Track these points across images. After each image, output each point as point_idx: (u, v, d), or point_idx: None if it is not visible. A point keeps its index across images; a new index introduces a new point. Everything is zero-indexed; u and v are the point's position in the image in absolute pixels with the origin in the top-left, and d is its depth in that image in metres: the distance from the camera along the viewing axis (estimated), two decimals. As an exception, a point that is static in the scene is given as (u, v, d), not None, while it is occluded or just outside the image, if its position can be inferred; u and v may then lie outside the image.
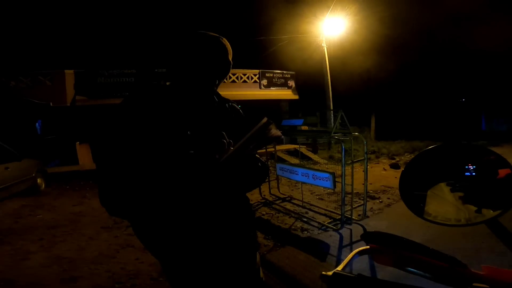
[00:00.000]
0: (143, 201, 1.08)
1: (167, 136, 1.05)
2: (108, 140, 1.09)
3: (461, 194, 0.98)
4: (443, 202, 1.00)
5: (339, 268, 0.78)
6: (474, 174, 0.97)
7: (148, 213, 1.11)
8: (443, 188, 1.01)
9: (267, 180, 5.56)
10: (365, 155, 4.57)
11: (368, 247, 0.88)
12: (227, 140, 1.08)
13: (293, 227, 4.25)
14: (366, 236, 0.87)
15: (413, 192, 1.05)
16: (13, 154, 6.40)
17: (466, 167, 0.98)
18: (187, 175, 1.05)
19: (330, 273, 0.75)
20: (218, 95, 1.31)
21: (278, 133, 1.14)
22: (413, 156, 1.10)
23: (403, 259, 0.79)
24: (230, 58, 1.25)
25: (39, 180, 7.15)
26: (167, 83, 1.23)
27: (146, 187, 1.05)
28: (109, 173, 1.06)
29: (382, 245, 0.84)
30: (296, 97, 14.90)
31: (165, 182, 1.05)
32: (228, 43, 1.25)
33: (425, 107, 18.48)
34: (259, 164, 1.24)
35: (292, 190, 6.34)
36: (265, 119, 1.10)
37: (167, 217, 1.11)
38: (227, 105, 1.31)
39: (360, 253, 0.89)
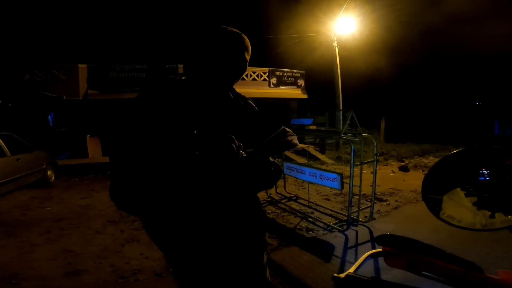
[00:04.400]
0: (152, 198, 1.07)
1: (174, 135, 1.04)
2: (121, 135, 1.08)
3: (486, 198, 0.94)
4: (464, 206, 0.97)
5: (351, 270, 0.77)
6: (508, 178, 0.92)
7: (156, 210, 1.11)
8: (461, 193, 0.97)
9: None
10: (375, 157, 4.52)
11: (381, 249, 0.87)
12: (237, 144, 1.05)
13: (298, 227, 4.24)
14: (380, 239, 0.85)
15: (438, 195, 1.02)
16: (25, 146, 6.51)
17: (497, 171, 0.93)
18: (189, 176, 1.04)
19: (342, 275, 0.74)
20: (234, 92, 1.27)
21: (295, 140, 1.14)
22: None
23: (418, 263, 0.78)
24: (249, 57, 1.21)
25: (49, 172, 7.27)
26: (183, 77, 1.20)
27: (155, 184, 1.04)
28: (120, 168, 1.06)
29: (396, 248, 0.83)
30: (305, 96, 14.83)
31: (172, 181, 1.05)
32: (248, 41, 1.20)
33: (437, 110, 18.18)
34: (272, 168, 1.21)
35: (299, 189, 6.31)
36: (282, 128, 1.12)
37: (175, 215, 1.11)
38: (242, 103, 1.28)
39: (372, 255, 0.88)
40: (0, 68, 10.21)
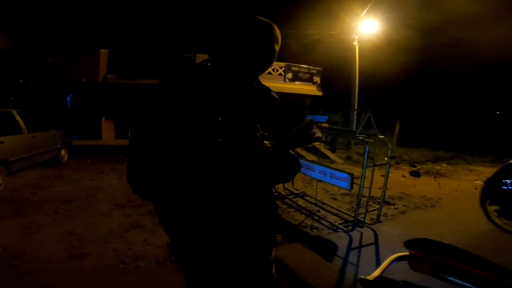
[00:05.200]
0: (168, 183, 1.07)
1: (196, 120, 1.03)
2: (141, 119, 1.09)
3: None
4: None
5: (377, 273, 0.76)
6: None
7: (172, 196, 1.11)
8: None
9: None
10: (389, 160, 4.44)
11: (407, 253, 0.86)
12: (261, 133, 1.04)
13: (303, 224, 4.23)
14: (410, 243, 0.84)
15: (496, 202, 1.01)
16: (42, 124, 6.65)
17: None
18: (209, 163, 1.03)
19: (371, 277, 0.73)
20: (258, 82, 1.26)
21: (320, 134, 1.12)
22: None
23: (445, 268, 0.76)
24: (278, 48, 1.18)
25: (62, 152, 7.44)
26: (208, 64, 1.19)
27: (172, 170, 1.04)
28: (138, 152, 1.07)
29: (425, 253, 0.82)
30: (320, 93, 14.68)
31: (190, 167, 1.04)
32: (279, 32, 1.17)
33: (455, 117, 17.73)
34: (292, 161, 1.19)
35: (306, 186, 6.29)
36: (309, 119, 1.10)
37: (190, 202, 1.10)
38: (266, 94, 1.27)
39: (398, 259, 0.87)
40: (25, 50, 10.54)
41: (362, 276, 0.74)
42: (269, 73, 13.34)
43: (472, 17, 11.64)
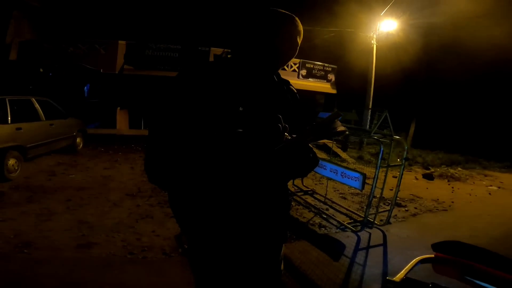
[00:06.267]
0: (186, 174, 1.07)
1: (216, 111, 1.02)
2: (161, 109, 1.09)
3: None
4: None
5: (401, 275, 0.75)
6: None
7: (188, 186, 1.10)
8: None
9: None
10: (403, 161, 4.36)
11: (432, 255, 0.84)
12: (283, 124, 1.02)
13: (311, 222, 4.21)
14: (439, 245, 0.83)
15: None
16: (60, 112, 6.82)
17: None
18: (228, 153, 1.02)
19: (397, 279, 0.72)
20: (278, 75, 1.25)
21: (343, 128, 1.08)
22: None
23: (473, 272, 0.74)
24: (300, 41, 1.18)
25: (78, 140, 7.61)
26: (229, 56, 1.20)
27: (190, 160, 1.04)
28: (157, 141, 1.07)
29: (453, 256, 0.80)
30: (334, 91, 14.51)
31: (209, 158, 1.03)
32: (301, 25, 1.17)
33: (473, 120, 17.23)
34: (311, 155, 1.17)
35: (316, 184, 6.25)
36: (335, 110, 1.06)
37: (206, 193, 1.09)
38: (285, 87, 1.26)
39: (422, 261, 0.86)
40: (47, 40, 10.83)
41: (388, 277, 0.73)
42: (283, 68, 13.20)
43: (495, 15, 11.23)
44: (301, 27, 1.17)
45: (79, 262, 2.82)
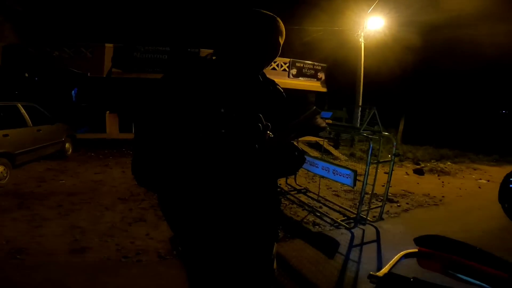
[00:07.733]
0: (173, 175, 1.08)
1: (200, 112, 1.03)
2: (146, 111, 1.09)
3: None
4: None
5: (385, 270, 0.76)
6: None
7: (176, 188, 1.12)
8: None
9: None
10: (393, 157, 4.42)
11: (416, 250, 0.85)
12: (264, 123, 1.03)
13: (305, 220, 4.23)
14: (420, 240, 0.83)
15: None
16: (47, 118, 6.69)
17: None
18: (212, 154, 1.03)
19: (380, 274, 0.72)
20: (264, 75, 1.26)
21: (324, 123, 1.11)
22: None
23: (455, 266, 0.75)
24: (282, 41, 1.19)
25: (67, 145, 7.49)
26: (213, 58, 1.20)
27: (177, 162, 1.05)
28: (143, 144, 1.07)
29: (435, 250, 0.81)
30: (324, 89, 14.60)
31: (194, 159, 1.04)
32: (283, 25, 1.18)
33: (460, 115, 17.56)
34: (296, 153, 1.18)
35: (309, 182, 6.28)
36: (314, 107, 1.09)
37: (194, 194, 1.11)
38: (271, 87, 1.27)
39: (407, 255, 0.87)
40: (31, 44, 10.62)
41: (371, 272, 0.74)
42: (274, 68, 13.28)
43: (479, 14, 11.47)
44: (283, 27, 1.17)
45: (73, 267, 2.78)
